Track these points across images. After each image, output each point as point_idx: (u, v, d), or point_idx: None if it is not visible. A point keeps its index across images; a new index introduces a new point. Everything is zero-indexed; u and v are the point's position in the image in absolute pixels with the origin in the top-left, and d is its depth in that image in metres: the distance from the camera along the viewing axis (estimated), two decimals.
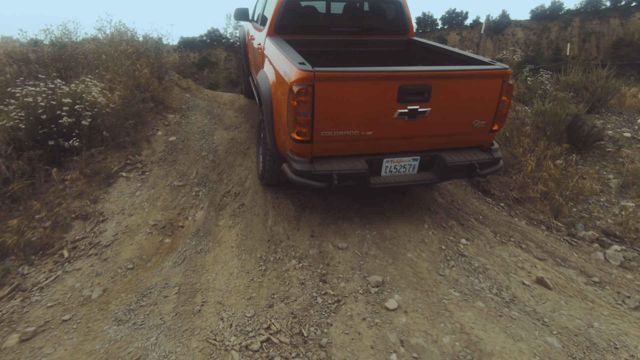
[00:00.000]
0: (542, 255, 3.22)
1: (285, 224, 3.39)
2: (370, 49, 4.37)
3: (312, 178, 2.85)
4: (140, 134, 5.03)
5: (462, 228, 3.48)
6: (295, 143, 2.84)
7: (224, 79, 70.93)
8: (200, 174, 4.53)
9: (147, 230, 3.57)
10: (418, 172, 3.17)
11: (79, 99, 4.46)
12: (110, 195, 4.07)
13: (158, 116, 5.54)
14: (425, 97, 2.82)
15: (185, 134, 5.29)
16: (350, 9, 4.27)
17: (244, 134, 5.42)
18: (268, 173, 3.71)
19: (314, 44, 4.19)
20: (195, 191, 4.22)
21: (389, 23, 4.33)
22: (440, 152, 3.13)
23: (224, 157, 4.84)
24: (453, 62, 3.69)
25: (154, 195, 4.09)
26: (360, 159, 2.97)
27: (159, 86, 5.89)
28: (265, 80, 3.52)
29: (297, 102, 2.68)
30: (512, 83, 2.98)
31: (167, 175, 4.45)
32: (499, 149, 3.25)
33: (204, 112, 5.96)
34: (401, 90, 2.75)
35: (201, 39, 65.34)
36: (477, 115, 3.03)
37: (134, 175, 4.40)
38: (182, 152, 4.92)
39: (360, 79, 2.69)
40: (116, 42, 6.22)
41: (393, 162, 3.07)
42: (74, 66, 5.56)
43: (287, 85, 2.79)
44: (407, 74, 2.76)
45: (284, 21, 4.02)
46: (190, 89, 6.76)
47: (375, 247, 3.01)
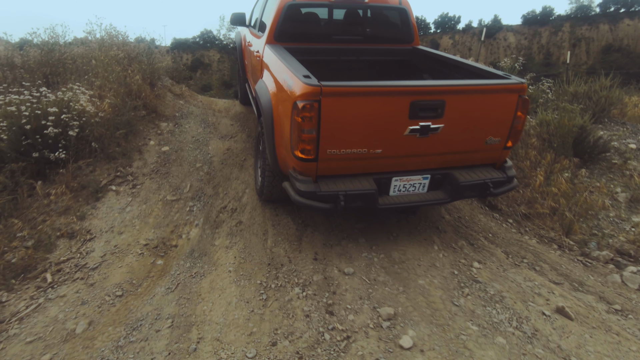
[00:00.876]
0: (557, 279, 3.05)
1: (286, 245, 3.19)
2: (374, 58, 4.19)
3: (317, 199, 2.65)
4: (132, 144, 4.79)
5: (473, 248, 3.30)
6: (298, 161, 2.64)
7: (217, 80, 70.78)
8: (195, 187, 4.30)
9: (137, 250, 3.34)
10: (428, 191, 2.99)
11: (66, 108, 4.21)
12: (98, 211, 3.83)
13: (150, 125, 5.30)
14: (438, 113, 2.64)
15: (179, 144, 5.06)
16: (353, 16, 4.08)
17: (240, 143, 5.20)
18: (267, 189, 3.51)
19: (315, 52, 4.00)
20: (190, 206, 3.99)
21: (393, 31, 4.16)
22: (451, 170, 2.95)
23: (220, 169, 4.62)
24: (462, 73, 3.52)
25: (146, 211, 3.85)
26: (367, 178, 2.78)
27: (151, 93, 5.65)
28: (265, 91, 3.32)
29: (301, 118, 2.48)
30: (528, 98, 2.81)
31: (160, 189, 4.21)
32: (512, 166, 3.08)
33: (199, 120, 5.73)
34: (413, 106, 2.57)
35: (194, 40, 64.92)
36: (491, 131, 2.86)
37: (124, 189, 4.16)
38: (175, 163, 4.68)
39: (370, 94, 2.50)
40: (107, 46, 5.97)
41: (402, 180, 2.88)
42: (61, 72, 5.30)
43: (290, 100, 2.59)
44: (420, 88, 2.57)
45: (284, 28, 3.82)
46: (184, 95, 6.53)
47: (384, 273, 2.81)
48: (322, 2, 3.86)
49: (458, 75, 3.56)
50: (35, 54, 5.42)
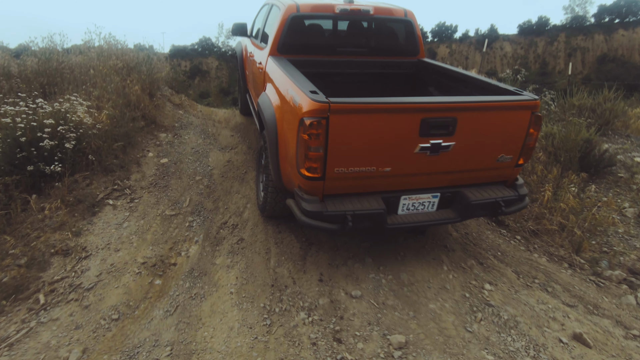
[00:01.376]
0: (571, 301, 2.95)
1: (290, 265, 3.07)
2: (379, 71, 4.11)
3: (324, 219, 2.54)
4: (130, 156, 4.67)
5: (483, 268, 3.20)
6: (304, 180, 2.54)
7: (215, 87, 71.10)
8: (194, 201, 4.19)
9: (135, 269, 3.21)
10: (437, 209, 2.89)
11: (62, 119, 4.10)
12: (94, 227, 3.70)
13: (149, 136, 5.19)
14: (450, 131, 2.55)
15: (178, 156, 4.95)
16: (358, 28, 4.01)
17: (240, 155, 5.10)
18: (270, 206, 3.40)
19: (319, 64, 3.92)
20: (189, 221, 3.87)
21: (398, 43, 4.09)
22: (461, 189, 2.85)
23: (220, 183, 4.51)
24: (470, 87, 3.45)
25: (144, 227, 3.73)
26: (376, 197, 2.68)
27: (150, 103, 5.55)
28: (268, 105, 3.23)
29: (308, 135, 2.39)
30: (541, 115, 2.73)
31: (158, 203, 4.09)
32: (524, 184, 2.99)
33: (198, 131, 5.63)
34: (424, 124, 2.48)
35: (193, 47, 65.13)
36: (503, 149, 2.77)
37: (121, 203, 4.03)
38: (174, 176, 4.57)
39: (380, 111, 2.41)
40: (105, 56, 5.88)
41: (411, 199, 2.78)
42: (59, 82, 5.20)
43: (296, 116, 2.49)
44: (431, 105, 2.49)
45: (288, 40, 3.74)
46: (184, 105, 6.43)
47: (392, 296, 2.70)
48: (326, 14, 3.79)
49: (466, 89, 3.48)
50: (32, 63, 5.31)
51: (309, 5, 3.74)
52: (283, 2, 3.86)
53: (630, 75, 47.97)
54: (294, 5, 3.72)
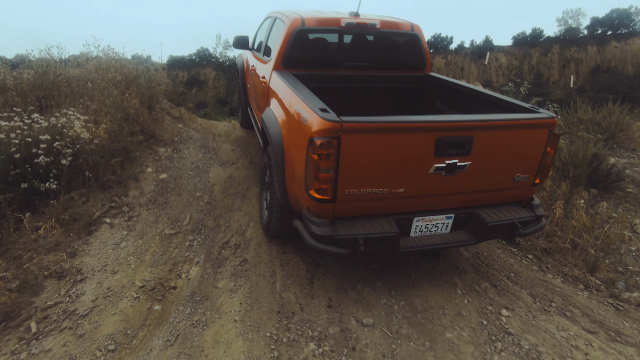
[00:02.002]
0: (592, 327, 2.81)
1: (296, 289, 2.92)
2: (385, 85, 4.02)
3: (335, 243, 2.41)
4: (128, 172, 4.54)
5: (497, 291, 3.06)
6: (313, 202, 2.42)
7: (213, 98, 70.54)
8: (195, 219, 4.04)
9: (133, 293, 3.05)
10: (451, 231, 2.76)
11: (58, 135, 3.97)
12: (90, 247, 3.54)
13: (148, 150, 5.06)
14: (466, 150, 2.44)
15: (178, 171, 4.82)
16: (364, 42, 3.93)
17: (242, 171, 4.97)
18: (275, 225, 3.26)
19: (324, 79, 3.83)
20: (189, 241, 3.72)
21: (404, 58, 4.01)
22: (476, 210, 2.74)
23: (221, 199, 4.37)
24: (480, 103, 3.36)
25: (142, 247, 3.58)
26: (388, 219, 2.56)
27: (149, 117, 5.43)
28: (273, 121, 3.12)
29: (318, 156, 2.27)
30: (558, 133, 2.63)
31: (157, 222, 3.95)
32: (540, 204, 2.88)
33: (198, 145, 5.50)
34: (439, 143, 2.37)
35: (190, 57, 65.40)
36: (520, 168, 2.66)
37: (119, 221, 3.88)
38: (174, 192, 4.43)
39: (394, 130, 2.30)
40: (104, 68, 5.77)
41: (424, 221, 2.66)
42: (55, 95, 5.08)
43: (305, 135, 2.38)
44: (447, 124, 2.38)
45: (292, 54, 3.65)
46: (183, 118, 6.32)
47: (406, 324, 2.56)
48: (332, 28, 3.71)
49: (476, 105, 3.39)
50: (29, 75, 5.19)
51: (314, 19, 3.66)
52: (287, 15, 3.78)
53: (623, 86, 48.59)
54: (298, 19, 3.64)
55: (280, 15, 4.04)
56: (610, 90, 45.75)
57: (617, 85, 51.29)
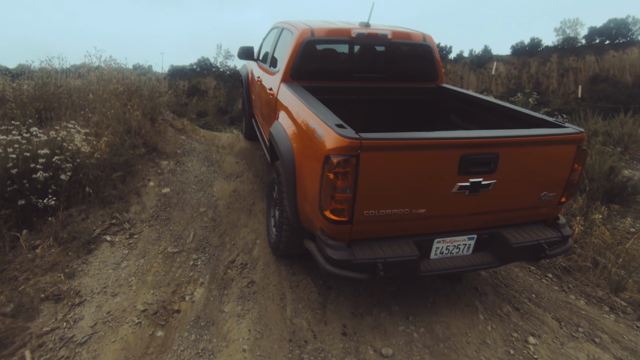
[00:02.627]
0: (623, 355, 2.64)
1: (308, 315, 2.75)
2: (396, 97, 3.90)
3: (352, 268, 2.25)
4: (129, 186, 4.38)
5: (520, 315, 2.89)
6: (329, 223, 2.26)
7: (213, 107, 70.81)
8: (199, 236, 3.88)
9: (134, 318, 2.88)
10: (473, 252, 2.60)
11: (58, 149, 3.83)
12: (90, 267, 3.37)
13: (150, 163, 4.91)
14: (491, 168, 2.29)
15: (181, 185, 4.67)
16: (375, 53, 3.81)
17: (247, 184, 4.82)
18: (284, 245, 3.10)
19: (334, 91, 3.70)
20: (193, 259, 3.56)
21: (416, 69, 3.89)
22: (499, 230, 2.58)
23: (226, 215, 4.21)
24: (497, 115, 3.22)
25: (144, 267, 3.41)
26: (407, 241, 2.40)
27: (151, 129, 5.30)
28: (283, 136, 2.97)
29: (334, 175, 2.12)
30: (587, 149, 2.49)
31: (160, 239, 3.78)
32: (566, 224, 2.72)
33: (201, 158, 5.36)
34: (463, 161, 2.22)
35: (191, 67, 65.77)
36: (546, 186, 2.51)
37: (119, 239, 3.72)
38: (177, 207, 4.27)
39: (416, 147, 2.16)
40: (105, 80, 5.66)
41: (445, 242, 2.50)
42: (56, 107, 4.95)
43: (320, 152, 2.23)
44: (472, 141, 2.24)
45: (301, 66, 3.53)
46: (186, 129, 6.19)
47: (428, 354, 2.38)
48: (342, 38, 3.59)
49: (493, 118, 3.26)
50: (29, 87, 5.07)
51: (324, 29, 3.54)
52: (296, 25, 3.66)
53: (622, 95, 48.74)
54: (308, 29, 3.52)
55: (288, 25, 3.93)
56: (609, 99, 45.91)
57: (616, 94, 51.46)
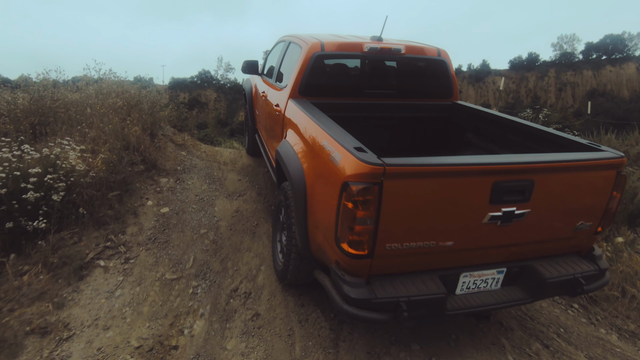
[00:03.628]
0: None
1: (319, 355, 2.49)
2: (410, 115, 3.70)
3: (372, 308, 2.01)
4: (126, 206, 4.15)
5: (551, 354, 2.64)
6: (346, 257, 2.03)
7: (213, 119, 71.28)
8: (199, 260, 3.63)
9: (127, 356, 2.62)
10: (502, 286, 2.37)
11: (51, 167, 3.61)
12: (81, 296, 3.12)
13: (149, 181, 4.69)
14: (526, 196, 2.07)
15: (181, 204, 4.43)
16: (387, 68, 3.63)
17: (250, 204, 4.59)
18: (292, 274, 2.86)
19: (344, 108, 3.50)
20: (193, 287, 3.31)
21: (431, 85, 3.70)
22: (531, 262, 2.35)
23: (228, 237, 3.97)
24: (522, 136, 3.02)
25: (140, 296, 3.15)
26: (432, 276, 2.17)
27: (151, 144, 5.09)
28: (292, 156, 2.76)
29: (354, 204, 1.90)
30: (626, 175, 2.28)
31: (157, 264, 3.53)
32: (602, 255, 2.49)
33: (203, 175, 5.14)
34: (496, 188, 2.00)
35: (192, 79, 66.19)
36: (582, 215, 2.29)
37: (114, 264, 3.47)
38: (176, 229, 4.03)
39: (445, 174, 1.94)
40: (104, 93, 5.47)
41: (473, 276, 2.26)
42: (51, 122, 4.75)
43: (337, 178, 2.01)
44: (506, 167, 2.02)
45: (311, 81, 3.33)
46: (186, 145, 5.98)
47: None
48: (353, 53, 3.41)
49: (516, 138, 3.06)
50: (24, 100, 4.87)
51: (334, 43, 3.37)
52: (305, 39, 3.49)
53: (620, 110, 49.01)
54: (317, 43, 3.34)
55: (296, 39, 3.75)
56: (607, 114, 46.10)
57: (614, 109, 51.75)
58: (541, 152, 2.70)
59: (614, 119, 39.46)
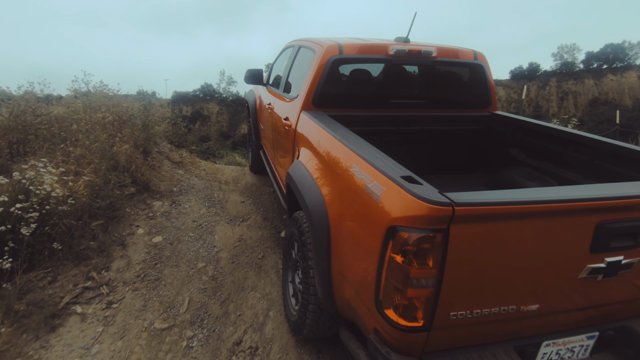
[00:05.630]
0: None
1: None
2: (442, 128, 3.16)
3: None
4: (113, 235, 3.60)
5: None
6: (392, 328, 1.46)
7: (216, 131, 71.64)
8: (195, 302, 3.06)
9: None
10: (591, 354, 1.79)
11: (22, 194, 3.07)
12: (50, 354, 2.55)
13: (140, 205, 4.14)
14: (638, 241, 1.51)
15: (176, 232, 3.88)
16: (416, 74, 3.11)
17: (255, 230, 4.03)
18: (310, 329, 2.28)
19: (367, 121, 2.97)
20: (188, 339, 2.73)
21: (466, 93, 3.18)
22: (630, 323, 1.77)
23: (230, 272, 3.40)
24: (586, 152, 2.47)
25: (122, 353, 2.58)
26: (507, 348, 1.59)
27: (143, 163, 4.56)
28: (308, 181, 2.22)
29: (407, 258, 1.34)
30: None
31: (145, 308, 2.96)
32: None
33: (201, 197, 4.59)
34: (600, 232, 1.45)
35: (194, 93, 66.48)
36: None
37: (93, 309, 2.90)
38: (169, 262, 3.47)
39: (533, 215, 1.38)
40: (94, 107, 4.97)
41: (557, 345, 1.69)
42: (32, 140, 4.23)
43: (378, 219, 1.46)
44: (615, 202, 1.46)
45: (327, 90, 2.81)
46: (184, 162, 5.45)
47: None
48: (376, 57, 2.89)
49: (580, 155, 2.50)
50: (3, 118, 4.37)
51: (354, 45, 2.85)
52: (319, 42, 2.97)
53: (623, 118, 48.62)
54: (335, 45, 2.83)
55: (308, 43, 3.25)
56: (609, 122, 45.64)
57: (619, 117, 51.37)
58: (623, 174, 2.15)
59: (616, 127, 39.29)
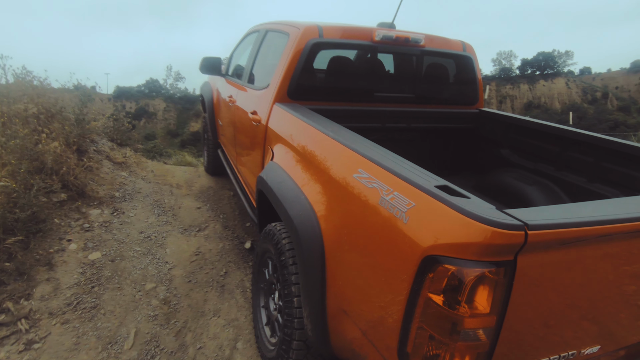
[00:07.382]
0: None
1: None
2: (430, 125, 2.86)
3: None
4: (36, 253, 2.92)
5: None
6: None
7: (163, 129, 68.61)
8: (144, 334, 2.51)
9: None
10: None
11: None
12: None
13: (73, 214, 3.45)
14: None
15: (118, 247, 3.25)
16: (403, 64, 2.78)
17: (214, 241, 3.51)
18: None
19: (348, 116, 2.59)
20: None
21: (453, 87, 2.90)
22: None
23: (186, 293, 2.87)
24: (590, 154, 2.27)
25: None
26: None
27: (77, 164, 3.85)
28: (291, 188, 1.79)
29: (451, 301, 0.97)
30: None
31: (78, 347, 2.36)
32: None
33: (149, 203, 3.97)
34: None
35: (139, 88, 62.89)
36: None
37: (6, 354, 2.26)
38: (110, 284, 2.86)
39: (625, 235, 1.06)
40: (13, 97, 4.15)
41: None
42: None
43: (407, 247, 1.08)
44: None
45: (304, 80, 2.39)
46: (128, 163, 4.75)
47: None
48: (361, 42, 2.52)
49: (585, 157, 2.30)
50: None
51: (336, 28, 2.46)
52: (294, 24, 2.54)
53: (553, 120, 53.30)
54: (313, 27, 2.41)
55: (279, 26, 2.80)
56: None
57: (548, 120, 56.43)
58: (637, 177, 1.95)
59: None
